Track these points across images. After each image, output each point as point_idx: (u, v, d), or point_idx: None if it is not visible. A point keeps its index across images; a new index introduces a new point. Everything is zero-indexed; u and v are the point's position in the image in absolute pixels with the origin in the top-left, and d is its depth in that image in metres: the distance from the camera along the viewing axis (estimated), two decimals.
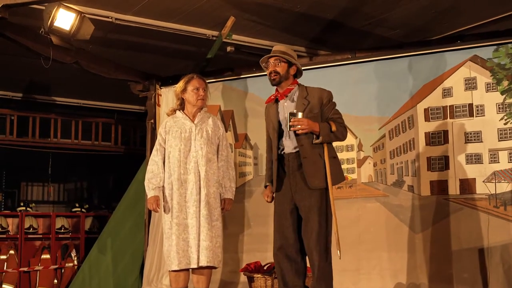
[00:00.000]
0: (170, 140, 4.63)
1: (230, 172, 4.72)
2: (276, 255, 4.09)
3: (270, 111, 4.24)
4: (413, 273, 5.24)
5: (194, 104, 4.65)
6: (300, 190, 4.02)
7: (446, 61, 5.40)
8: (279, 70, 4.11)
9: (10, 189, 9.75)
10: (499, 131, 5.13)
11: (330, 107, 4.11)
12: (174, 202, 4.50)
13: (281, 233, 4.08)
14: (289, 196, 4.07)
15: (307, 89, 4.16)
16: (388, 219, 5.48)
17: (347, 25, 6.36)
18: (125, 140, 9.92)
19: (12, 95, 9.18)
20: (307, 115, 4.01)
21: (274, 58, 4.13)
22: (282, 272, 4.06)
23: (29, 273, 8.08)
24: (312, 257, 3.96)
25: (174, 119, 4.70)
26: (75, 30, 5.54)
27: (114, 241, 6.80)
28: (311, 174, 3.98)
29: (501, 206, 5.03)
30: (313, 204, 3.97)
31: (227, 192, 4.69)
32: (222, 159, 4.70)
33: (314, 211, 3.96)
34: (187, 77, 4.71)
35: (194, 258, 4.41)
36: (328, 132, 3.98)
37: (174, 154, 4.57)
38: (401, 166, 5.54)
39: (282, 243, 4.06)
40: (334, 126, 4.01)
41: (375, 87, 5.68)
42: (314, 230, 3.93)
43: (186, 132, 4.61)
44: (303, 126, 3.91)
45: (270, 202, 4.27)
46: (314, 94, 4.11)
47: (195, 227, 4.44)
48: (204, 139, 4.60)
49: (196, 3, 5.75)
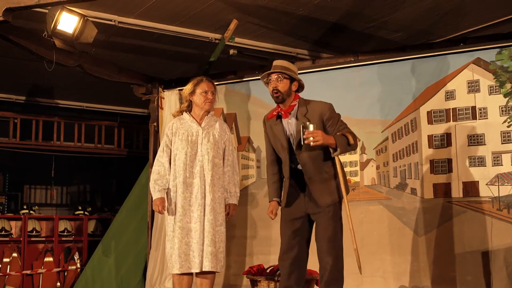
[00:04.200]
0: (176, 142, 4.60)
1: (235, 178, 4.71)
2: (281, 259, 4.09)
3: (274, 128, 4.13)
4: (416, 276, 5.23)
5: (201, 107, 4.63)
6: (314, 206, 4.00)
7: (449, 63, 5.40)
8: (281, 88, 3.99)
9: (13, 192, 9.76)
10: (502, 134, 5.12)
11: (333, 121, 4.02)
12: (179, 205, 4.48)
13: (287, 239, 4.06)
14: (302, 206, 4.05)
15: (307, 105, 4.04)
16: (391, 222, 5.47)
17: (349, 28, 6.36)
18: (128, 143, 9.93)
19: (15, 98, 9.19)
20: None
21: (275, 74, 4.02)
22: (283, 276, 4.08)
23: (32, 276, 8.10)
24: (324, 261, 3.95)
25: (180, 121, 4.67)
26: (78, 33, 5.55)
27: (117, 244, 6.81)
28: (319, 194, 3.96)
29: (504, 208, 5.03)
30: (327, 219, 3.97)
31: (232, 197, 4.68)
32: (228, 164, 4.68)
33: (328, 217, 3.96)
34: (196, 80, 4.68)
35: (196, 262, 4.40)
36: (345, 144, 3.92)
37: (180, 157, 4.55)
38: (404, 169, 5.53)
39: (288, 249, 4.05)
40: (352, 139, 3.95)
41: (378, 90, 5.68)
42: (327, 235, 3.94)
43: (193, 136, 4.59)
44: (317, 137, 3.80)
45: (273, 219, 4.22)
46: (315, 110, 4.01)
47: (198, 231, 4.43)
48: (211, 143, 4.58)
49: (199, 6, 5.76)
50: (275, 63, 4.11)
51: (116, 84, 7.01)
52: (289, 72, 4.03)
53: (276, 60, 4.16)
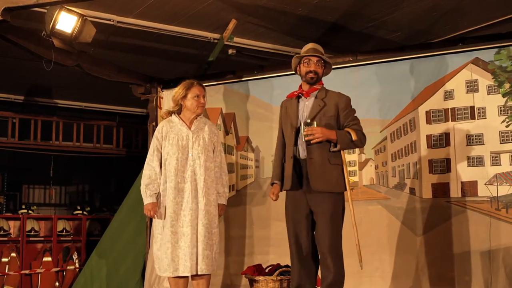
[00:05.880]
0: (167, 147, 4.58)
1: (223, 178, 4.72)
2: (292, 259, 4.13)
3: (289, 107, 4.21)
4: (415, 276, 5.23)
5: (193, 111, 4.61)
6: (314, 194, 4.02)
7: (448, 63, 5.40)
8: (319, 72, 4.15)
9: (12, 191, 9.76)
10: (501, 134, 5.12)
11: (348, 114, 4.10)
12: (171, 210, 4.47)
13: (296, 237, 4.10)
14: (304, 201, 4.08)
15: (328, 92, 4.17)
16: (389, 222, 5.47)
17: (348, 28, 6.37)
18: (127, 142, 9.93)
19: (14, 98, 9.20)
20: (321, 118, 4.02)
21: (317, 58, 4.14)
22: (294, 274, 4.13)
23: (31, 276, 8.09)
24: (326, 262, 3.98)
25: (170, 124, 4.64)
26: (77, 33, 5.55)
27: (115, 243, 6.80)
28: (315, 178, 3.98)
29: (503, 208, 5.03)
30: (327, 210, 3.99)
31: (221, 197, 4.69)
32: (216, 165, 4.68)
33: (327, 217, 3.98)
34: (188, 83, 4.64)
35: (188, 266, 4.40)
36: (347, 140, 3.98)
37: (171, 162, 4.53)
38: (403, 169, 5.53)
39: (298, 248, 4.09)
40: (355, 135, 4.00)
41: (377, 90, 5.68)
42: (327, 236, 3.96)
43: (183, 140, 4.57)
44: (317, 135, 3.90)
45: (275, 200, 4.24)
46: (332, 98, 4.12)
47: (189, 235, 4.43)
48: (201, 147, 4.57)
49: (198, 6, 5.76)
50: (313, 46, 4.22)
51: (115, 84, 7.01)
52: (327, 59, 4.18)
53: (312, 44, 4.27)
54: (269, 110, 6.13)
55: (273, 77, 6.13)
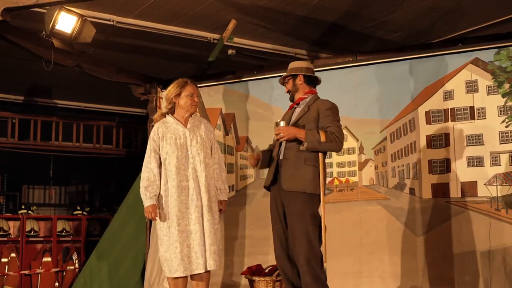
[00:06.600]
0: (165, 147, 4.56)
1: (222, 175, 4.73)
2: (278, 258, 4.19)
3: (285, 116, 4.42)
4: (415, 276, 5.23)
5: (188, 110, 4.60)
6: (285, 193, 4.12)
7: (447, 64, 5.40)
8: (289, 88, 4.41)
9: (11, 192, 9.75)
10: (501, 134, 5.13)
11: (327, 117, 4.12)
12: (176, 209, 4.45)
13: (278, 236, 4.19)
14: (279, 200, 4.19)
15: (317, 100, 4.28)
16: (389, 222, 5.48)
17: (348, 28, 6.37)
18: (127, 143, 9.93)
19: (13, 98, 9.19)
20: (303, 121, 4.15)
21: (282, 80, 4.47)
22: (286, 275, 4.15)
23: (31, 276, 8.09)
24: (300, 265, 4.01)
25: (165, 124, 4.62)
26: (77, 33, 5.55)
27: (115, 244, 6.80)
28: (286, 177, 4.11)
29: (502, 209, 5.03)
30: (295, 210, 4.05)
31: (222, 194, 4.69)
32: (215, 162, 4.68)
33: (296, 217, 4.03)
34: (181, 82, 4.63)
35: (200, 263, 4.39)
36: (313, 140, 4.03)
37: (172, 161, 4.52)
38: (403, 169, 5.53)
39: (281, 247, 4.15)
40: (324, 137, 4.02)
41: (377, 90, 5.69)
42: (296, 237, 4.01)
43: (180, 139, 4.56)
44: (283, 133, 4.10)
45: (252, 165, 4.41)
46: (317, 104, 4.23)
47: (198, 232, 4.42)
48: (199, 144, 4.57)
49: (197, 6, 5.76)
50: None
51: (114, 84, 7.01)
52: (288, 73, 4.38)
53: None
54: (268, 110, 6.13)
55: (273, 77, 6.12)
